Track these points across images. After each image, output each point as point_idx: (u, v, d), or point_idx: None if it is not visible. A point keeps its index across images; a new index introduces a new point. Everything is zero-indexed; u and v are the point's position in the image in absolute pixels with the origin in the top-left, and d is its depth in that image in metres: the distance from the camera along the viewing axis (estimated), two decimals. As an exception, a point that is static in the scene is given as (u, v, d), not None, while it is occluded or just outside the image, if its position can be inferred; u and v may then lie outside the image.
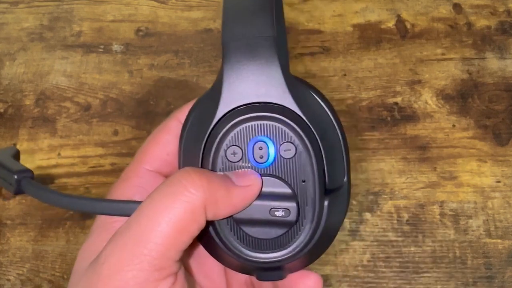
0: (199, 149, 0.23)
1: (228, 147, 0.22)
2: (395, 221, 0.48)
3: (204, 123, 0.23)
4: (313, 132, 0.23)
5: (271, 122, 0.22)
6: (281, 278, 0.24)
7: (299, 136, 0.22)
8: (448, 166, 0.50)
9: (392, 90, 0.54)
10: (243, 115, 0.22)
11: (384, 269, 0.46)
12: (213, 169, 0.23)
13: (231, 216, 0.23)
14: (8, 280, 0.47)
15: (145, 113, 0.54)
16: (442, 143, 0.51)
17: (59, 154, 0.52)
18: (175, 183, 0.21)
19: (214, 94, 0.23)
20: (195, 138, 0.23)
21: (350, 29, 0.57)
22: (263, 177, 0.23)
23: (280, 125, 0.22)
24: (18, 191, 0.24)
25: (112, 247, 0.20)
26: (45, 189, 0.24)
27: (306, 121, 0.23)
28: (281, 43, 0.23)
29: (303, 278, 0.25)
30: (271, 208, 0.23)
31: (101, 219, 0.25)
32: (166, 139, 0.26)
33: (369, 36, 0.57)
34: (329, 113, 0.25)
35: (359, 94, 0.54)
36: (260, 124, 0.22)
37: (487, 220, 0.48)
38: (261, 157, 0.22)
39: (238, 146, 0.22)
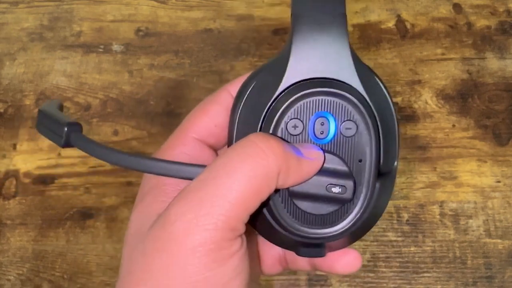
0: (258, 120, 0.23)
1: (289, 120, 0.22)
2: (395, 221, 0.48)
3: (265, 94, 0.23)
4: (374, 115, 0.23)
5: (335, 99, 0.22)
6: (321, 255, 0.24)
7: (362, 116, 0.22)
8: (448, 166, 0.50)
9: (392, 90, 0.54)
10: (308, 89, 0.22)
11: (384, 269, 0.46)
12: None
13: (287, 188, 0.22)
14: (8, 280, 0.47)
15: (145, 113, 0.54)
16: (442, 143, 0.51)
17: (59, 154, 0.52)
18: (252, 145, 0.20)
19: (278, 65, 0.23)
20: (254, 109, 0.23)
21: (350, 29, 0.57)
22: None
23: (344, 103, 0.22)
24: (67, 144, 0.24)
25: (184, 205, 0.20)
26: (95, 143, 0.23)
27: (370, 102, 0.23)
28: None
29: (342, 256, 0.25)
30: (328, 184, 0.22)
31: (150, 183, 0.24)
32: (216, 109, 0.25)
33: (369, 36, 0.57)
34: (389, 99, 0.24)
35: (359, 94, 0.54)
36: (324, 100, 0.22)
37: (487, 220, 0.48)
38: (322, 132, 0.22)
39: (300, 120, 0.22)
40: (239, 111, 0.24)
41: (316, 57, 0.22)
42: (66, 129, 0.24)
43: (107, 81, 0.55)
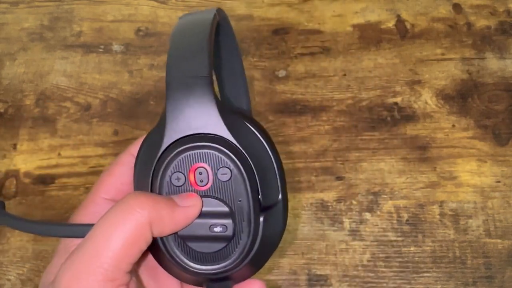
0: (148, 176, 0.26)
1: (172, 173, 0.25)
2: (395, 221, 0.48)
3: (152, 154, 0.26)
4: (246, 157, 0.26)
5: (208, 150, 0.25)
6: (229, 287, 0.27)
7: (233, 162, 0.25)
8: (448, 166, 0.50)
9: (392, 90, 0.54)
10: (184, 145, 0.25)
11: (384, 269, 0.46)
12: (160, 193, 0.26)
13: (176, 233, 0.25)
14: (9, 280, 0.47)
15: (145, 113, 0.54)
16: (442, 143, 0.51)
17: (59, 154, 0.52)
18: (124, 204, 0.23)
19: (160, 127, 0.26)
20: (145, 167, 0.26)
21: (350, 29, 0.57)
22: (204, 198, 0.25)
23: (216, 153, 0.25)
24: None
25: (68, 264, 0.22)
26: (8, 215, 0.26)
27: (240, 148, 0.26)
28: (225, 79, 0.30)
29: (248, 286, 0.28)
30: (211, 225, 0.25)
31: (63, 244, 0.27)
32: (120, 170, 0.29)
33: (369, 36, 0.57)
34: (262, 140, 0.27)
35: (359, 94, 0.54)
36: (199, 153, 0.25)
37: (487, 220, 0.48)
38: (202, 181, 0.25)
39: (181, 172, 0.25)
40: (136, 169, 0.27)
41: (188, 116, 0.25)
42: None
43: (107, 81, 0.55)
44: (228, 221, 0.25)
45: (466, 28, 0.57)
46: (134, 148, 0.29)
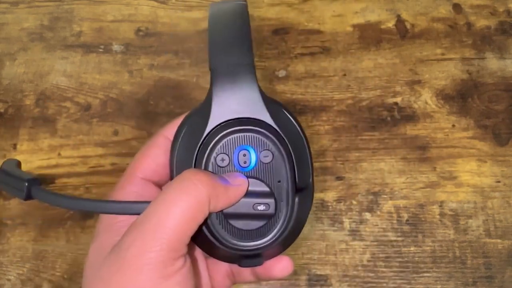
0: (192, 157, 0.27)
1: (217, 155, 0.27)
2: (395, 221, 0.48)
3: (196, 135, 0.28)
4: (286, 142, 0.28)
5: (252, 134, 0.27)
6: (260, 264, 0.29)
7: (275, 145, 0.27)
8: (448, 166, 0.50)
9: (392, 90, 0.54)
10: (229, 128, 0.27)
11: (384, 269, 0.46)
12: None
13: (221, 211, 0.27)
14: (9, 280, 0.47)
15: (145, 113, 0.54)
16: (442, 143, 0.51)
17: (59, 154, 0.52)
18: (185, 180, 0.25)
19: (204, 111, 0.28)
20: (188, 147, 0.28)
21: (350, 29, 0.57)
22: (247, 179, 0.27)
23: (260, 136, 0.27)
24: (29, 197, 0.27)
25: (134, 234, 0.24)
26: (54, 194, 0.27)
27: (281, 133, 0.28)
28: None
29: (277, 262, 0.30)
30: (254, 204, 0.27)
31: (105, 222, 0.28)
32: (155, 152, 0.30)
33: (369, 36, 0.57)
34: (297, 126, 0.29)
35: (359, 94, 0.54)
36: (244, 136, 0.27)
37: (487, 220, 0.48)
38: (245, 162, 0.27)
39: (226, 154, 0.27)
40: (176, 151, 0.28)
41: (233, 102, 0.27)
42: (26, 184, 0.27)
43: (107, 81, 0.55)
44: (270, 200, 0.27)
45: (466, 28, 0.57)
46: (169, 131, 0.30)
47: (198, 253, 0.31)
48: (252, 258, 0.28)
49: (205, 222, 0.27)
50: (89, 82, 0.55)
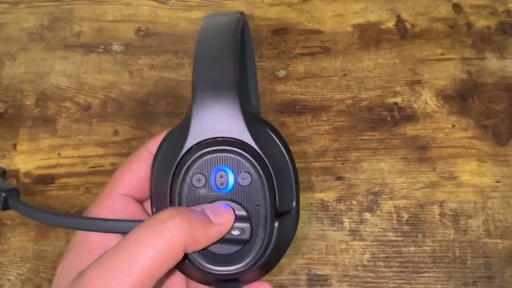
0: (169, 175, 0.26)
1: (193, 174, 0.26)
2: (395, 221, 0.48)
3: (174, 153, 0.26)
4: (267, 164, 0.26)
5: (231, 155, 0.26)
6: None
7: (254, 167, 0.26)
8: (448, 166, 0.50)
9: (392, 90, 0.54)
10: (207, 147, 0.26)
11: (384, 269, 0.46)
12: (180, 193, 0.26)
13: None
14: (9, 280, 0.47)
15: (145, 113, 0.54)
16: (442, 143, 0.51)
17: (59, 154, 0.52)
18: (160, 224, 0.23)
19: (184, 128, 0.26)
20: (166, 166, 0.27)
21: (350, 29, 0.57)
22: (221, 201, 0.26)
23: (239, 157, 0.26)
24: (5, 207, 0.27)
25: (97, 270, 0.23)
26: (31, 207, 0.26)
27: (261, 154, 0.26)
28: (247, 83, 0.30)
29: None
30: None
31: (77, 239, 0.27)
32: (138, 166, 0.29)
33: (369, 36, 0.57)
34: (282, 148, 0.28)
35: (359, 94, 0.54)
36: (222, 156, 0.26)
37: (487, 220, 0.48)
38: (222, 184, 0.26)
39: (202, 174, 0.26)
40: (155, 167, 0.27)
41: (213, 120, 0.26)
42: (4, 194, 0.26)
43: (107, 81, 0.55)
44: (246, 225, 0.26)
45: (466, 28, 0.57)
46: (152, 145, 0.29)
47: (178, 274, 0.30)
48: (229, 282, 0.27)
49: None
50: (89, 82, 0.55)
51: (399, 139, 0.51)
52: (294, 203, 0.28)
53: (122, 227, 0.25)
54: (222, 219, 0.25)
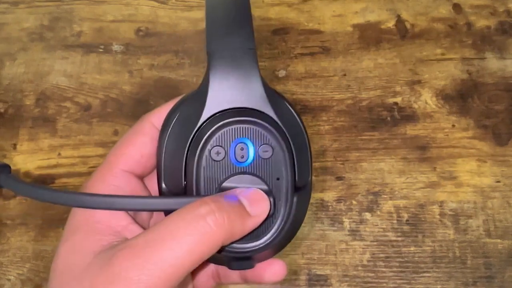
0: (183, 149, 0.25)
1: (212, 147, 0.24)
2: (395, 221, 0.48)
3: (188, 125, 0.25)
4: (287, 136, 0.25)
5: (252, 126, 0.25)
6: (251, 267, 0.26)
7: (276, 139, 0.25)
8: (448, 166, 0.50)
9: (392, 90, 0.54)
10: (227, 118, 0.24)
11: (384, 269, 0.46)
12: (198, 167, 0.24)
13: None
14: (9, 280, 0.47)
15: (145, 113, 0.53)
16: (442, 143, 0.51)
17: (59, 154, 0.52)
18: (200, 218, 0.22)
19: (199, 98, 0.25)
20: (179, 138, 0.25)
21: (350, 29, 0.57)
22: (243, 175, 0.25)
23: (260, 129, 0.25)
24: None
25: (130, 259, 0.21)
26: (25, 183, 0.24)
27: (282, 126, 0.25)
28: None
29: (269, 266, 0.27)
30: None
31: (80, 220, 0.25)
32: (141, 140, 0.27)
33: (369, 36, 0.57)
34: (299, 121, 0.27)
35: (359, 94, 0.54)
36: (242, 127, 0.24)
37: (487, 220, 0.48)
38: (242, 157, 0.25)
39: (222, 147, 0.24)
40: (166, 141, 0.26)
41: (232, 89, 0.25)
42: None
43: (107, 81, 0.55)
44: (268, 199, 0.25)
45: (466, 28, 0.57)
46: (156, 118, 0.27)
47: None
48: (242, 260, 0.26)
49: None
50: (89, 82, 0.55)
51: (399, 139, 0.51)
52: (309, 178, 0.27)
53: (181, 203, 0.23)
54: (259, 210, 0.24)
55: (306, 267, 0.46)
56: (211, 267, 0.30)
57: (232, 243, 0.24)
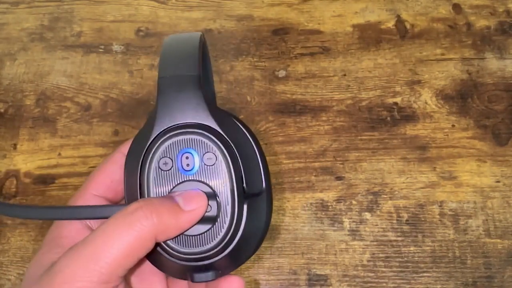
0: (138, 165, 0.27)
1: (160, 159, 0.27)
2: (395, 221, 0.48)
3: (142, 144, 0.27)
4: (231, 144, 0.27)
5: (195, 136, 0.27)
6: (212, 278, 0.27)
7: (218, 147, 0.27)
8: (447, 166, 0.50)
9: (392, 90, 0.54)
10: (172, 132, 0.27)
11: (384, 269, 0.46)
12: (148, 178, 0.27)
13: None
14: (9, 279, 0.47)
15: (145, 113, 0.54)
16: (441, 143, 0.51)
17: (59, 154, 0.52)
18: (129, 215, 0.24)
19: (151, 121, 0.28)
20: (135, 158, 0.28)
21: (350, 29, 0.57)
22: (189, 182, 0.27)
23: (203, 139, 0.27)
24: None
25: (67, 260, 0.23)
26: (15, 206, 0.27)
27: (225, 136, 0.27)
28: (207, 80, 0.31)
29: (228, 281, 0.28)
30: None
31: (50, 235, 0.28)
32: (111, 168, 0.30)
33: (369, 36, 0.57)
34: (246, 133, 0.29)
35: (359, 94, 0.54)
36: (186, 138, 0.27)
37: (487, 220, 0.48)
38: (188, 165, 0.27)
39: (169, 157, 0.27)
40: (126, 162, 0.28)
41: (177, 109, 0.27)
42: None
43: (107, 81, 0.55)
44: (213, 202, 0.26)
45: (466, 28, 0.57)
46: (125, 147, 0.30)
47: (157, 273, 0.30)
48: (203, 271, 0.27)
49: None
50: (89, 82, 0.55)
51: (398, 139, 0.51)
52: (263, 185, 0.28)
53: (95, 213, 0.26)
54: (194, 205, 0.25)
55: (306, 267, 0.46)
56: (185, 285, 0.31)
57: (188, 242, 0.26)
